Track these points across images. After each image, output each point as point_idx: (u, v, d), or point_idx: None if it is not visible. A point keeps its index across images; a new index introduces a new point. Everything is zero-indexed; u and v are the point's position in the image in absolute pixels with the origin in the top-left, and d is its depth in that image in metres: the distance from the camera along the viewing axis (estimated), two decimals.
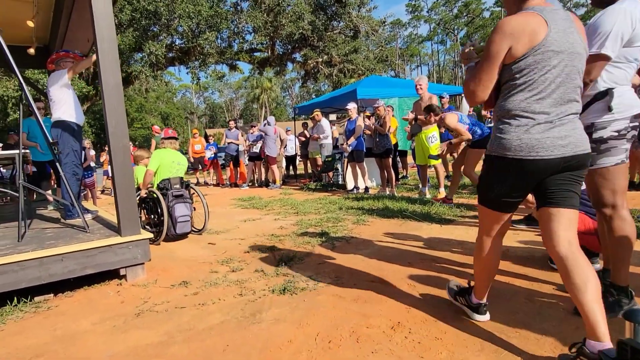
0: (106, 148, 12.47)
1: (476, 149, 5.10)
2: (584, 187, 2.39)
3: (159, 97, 44.36)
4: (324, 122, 9.68)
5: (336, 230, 4.60)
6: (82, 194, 8.12)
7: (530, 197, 2.11)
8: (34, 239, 3.47)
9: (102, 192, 12.84)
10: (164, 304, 2.77)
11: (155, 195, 4.64)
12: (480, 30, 66.32)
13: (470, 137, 5.16)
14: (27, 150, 4.67)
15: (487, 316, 2.15)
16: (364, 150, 7.71)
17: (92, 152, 12.78)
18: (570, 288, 1.66)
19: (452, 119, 5.34)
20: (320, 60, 19.81)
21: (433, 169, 6.59)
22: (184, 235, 4.85)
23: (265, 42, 19.42)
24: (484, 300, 2.14)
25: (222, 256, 3.92)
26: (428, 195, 6.47)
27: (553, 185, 1.74)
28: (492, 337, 1.98)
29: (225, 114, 66.37)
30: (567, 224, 1.72)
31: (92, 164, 12.30)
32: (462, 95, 9.69)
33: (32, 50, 6.41)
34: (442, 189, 6.30)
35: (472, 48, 2.00)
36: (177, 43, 17.24)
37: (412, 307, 2.39)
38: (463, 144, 5.53)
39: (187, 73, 18.48)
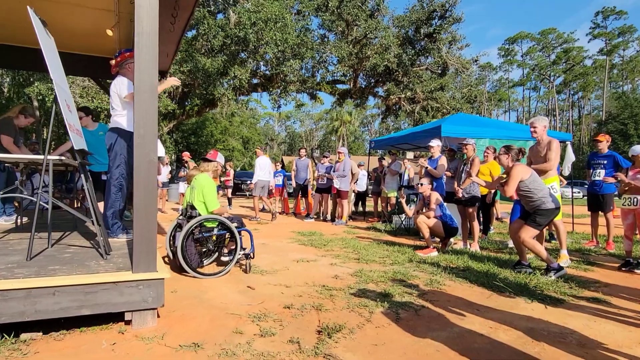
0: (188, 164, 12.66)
1: None
2: None
3: (243, 122, 46.18)
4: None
5: (403, 293, 3.63)
6: None
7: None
8: (46, 258, 2.97)
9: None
10: None
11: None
12: (580, 79, 61.48)
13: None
14: (62, 158, 4.33)
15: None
16: (444, 194, 6.66)
17: (168, 168, 12.99)
18: None
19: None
20: (403, 96, 19.02)
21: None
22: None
23: (348, 75, 19.15)
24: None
25: (257, 308, 3.16)
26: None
27: None
28: None
29: (304, 143, 67.70)
30: None
31: (164, 180, 12.45)
32: (568, 142, 8.27)
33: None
34: (563, 251, 5.09)
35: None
36: (261, 69, 17.51)
37: None
38: None
39: (269, 100, 18.71)
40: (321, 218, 10.51)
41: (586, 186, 7.22)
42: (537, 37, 65.08)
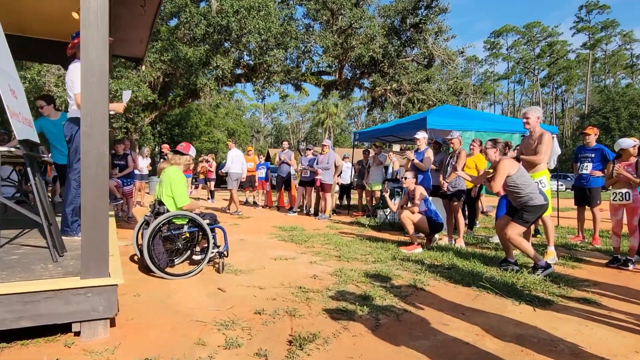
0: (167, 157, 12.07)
1: None
2: None
3: (228, 114, 45.40)
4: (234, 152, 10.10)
5: (384, 295, 3.42)
6: (113, 204, 7.57)
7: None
8: None
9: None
10: None
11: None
12: (563, 72, 61.97)
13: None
14: (12, 149, 4.00)
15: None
16: (430, 188, 6.46)
17: (148, 160, 12.53)
18: None
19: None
20: (388, 87, 18.78)
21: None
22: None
23: (333, 66, 18.81)
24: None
25: (225, 314, 2.90)
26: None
27: None
28: None
29: (290, 135, 67.15)
30: None
31: (144, 172, 12.04)
32: (554, 135, 8.13)
33: None
34: (551, 248, 4.92)
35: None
36: (245, 59, 17.07)
37: None
38: None
39: (253, 91, 18.31)
40: (304, 212, 10.27)
41: (569, 179, 7.11)
42: (522, 30, 65.36)
